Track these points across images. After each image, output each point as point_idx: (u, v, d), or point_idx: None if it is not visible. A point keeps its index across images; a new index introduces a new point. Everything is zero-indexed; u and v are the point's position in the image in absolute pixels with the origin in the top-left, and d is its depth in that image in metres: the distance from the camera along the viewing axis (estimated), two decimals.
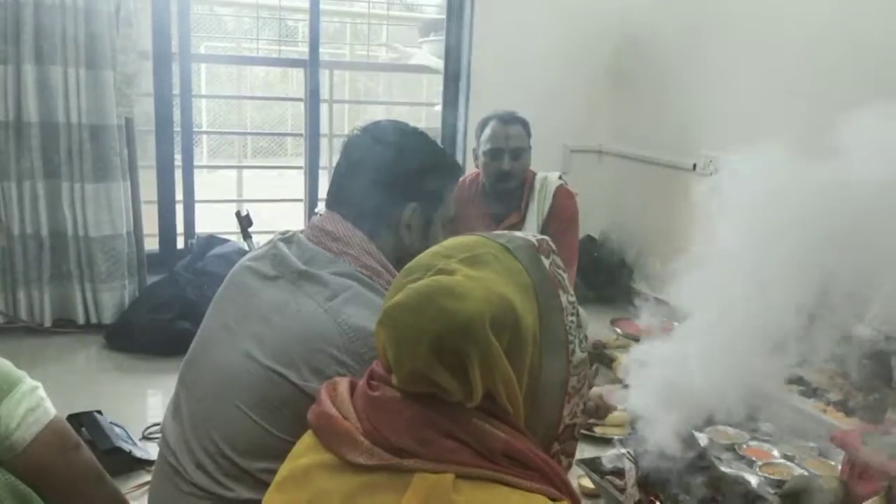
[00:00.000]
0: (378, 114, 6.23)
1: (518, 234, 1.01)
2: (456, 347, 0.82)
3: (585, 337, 1.00)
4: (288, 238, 1.33)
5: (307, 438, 0.99)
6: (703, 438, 2.08)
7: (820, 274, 1.37)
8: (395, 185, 1.31)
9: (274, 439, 1.17)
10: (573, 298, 0.98)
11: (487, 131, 2.71)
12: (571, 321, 0.96)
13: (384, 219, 1.31)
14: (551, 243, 1.01)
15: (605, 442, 2.20)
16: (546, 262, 0.97)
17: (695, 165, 3.32)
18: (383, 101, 6.25)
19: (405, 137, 1.36)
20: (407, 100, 6.35)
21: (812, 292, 1.39)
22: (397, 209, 1.31)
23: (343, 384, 1.00)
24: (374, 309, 1.19)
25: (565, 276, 0.99)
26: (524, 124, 2.72)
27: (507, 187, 2.72)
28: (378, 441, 0.88)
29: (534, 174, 2.82)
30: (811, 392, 2.45)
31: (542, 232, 2.68)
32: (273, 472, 1.13)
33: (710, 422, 2.15)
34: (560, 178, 2.85)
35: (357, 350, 1.17)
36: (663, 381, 1.49)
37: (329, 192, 1.37)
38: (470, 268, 0.90)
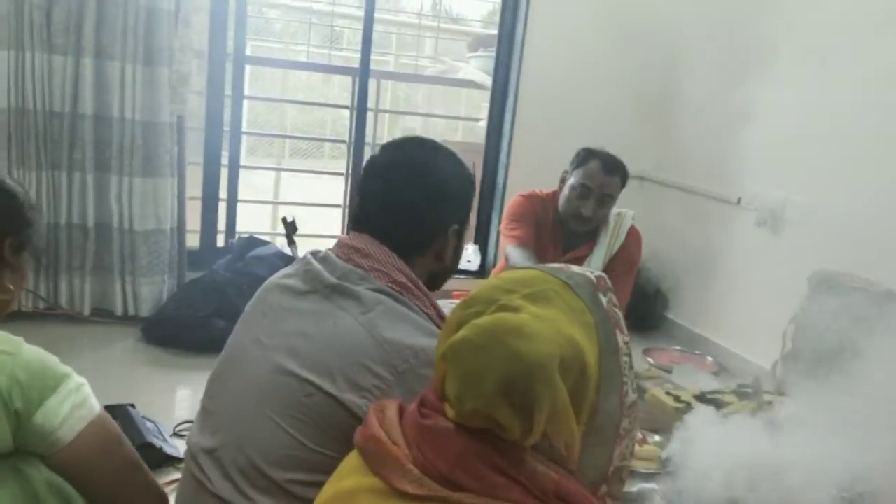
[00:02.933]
0: (416, 123, 6.26)
1: (575, 269, 1.01)
2: (525, 389, 0.82)
3: None
4: (320, 257, 1.33)
5: (353, 459, 0.98)
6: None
7: None
8: (434, 211, 1.31)
9: (306, 451, 1.18)
10: (628, 338, 0.97)
11: (586, 168, 2.59)
12: (626, 362, 0.96)
13: (421, 244, 1.31)
14: (608, 280, 1.00)
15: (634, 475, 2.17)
16: (604, 301, 0.97)
17: (739, 199, 3.29)
18: (428, 113, 6.27)
19: (437, 160, 1.34)
20: (445, 112, 6.36)
21: None
22: (440, 233, 1.32)
23: (392, 407, 1.00)
24: (407, 322, 1.22)
25: (621, 315, 0.99)
26: (623, 177, 2.62)
27: (581, 230, 2.66)
28: (428, 471, 0.88)
29: None
30: None
31: (606, 268, 2.63)
32: (301, 483, 1.17)
33: None
34: (633, 216, 2.79)
35: (392, 362, 1.17)
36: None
37: (358, 216, 1.35)
38: (534, 305, 0.90)
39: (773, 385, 2.47)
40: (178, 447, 2.20)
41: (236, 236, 3.50)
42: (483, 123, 4.10)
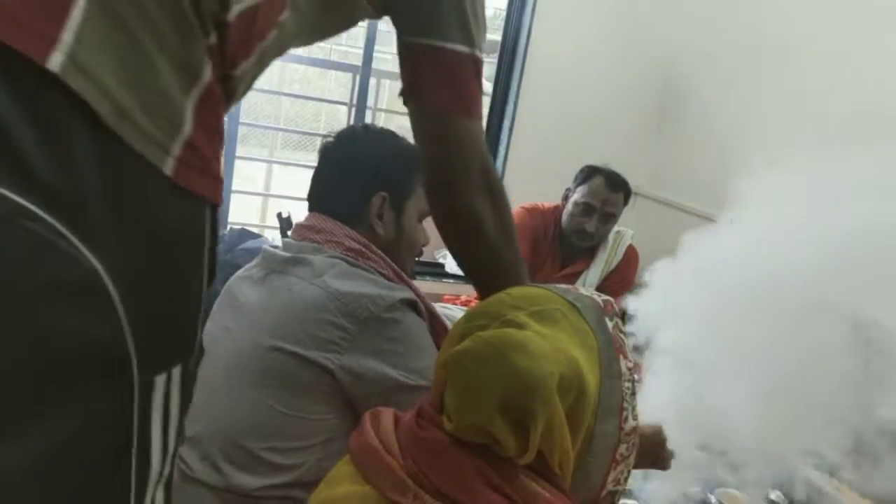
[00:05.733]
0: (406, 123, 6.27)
1: (583, 291, 1.01)
2: (523, 406, 0.82)
3: None
4: (278, 244, 1.40)
5: (345, 466, 0.98)
6: (713, 500, 2.06)
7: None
8: (361, 177, 1.36)
9: (279, 416, 1.20)
10: (631, 364, 0.97)
11: (590, 185, 2.61)
12: (628, 387, 0.96)
13: (357, 213, 1.36)
14: (615, 305, 1.01)
15: None
16: (610, 325, 0.97)
17: (732, 220, 3.30)
18: None
19: (371, 134, 1.42)
20: None
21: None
22: (366, 201, 1.35)
23: (387, 415, 1.00)
24: (361, 278, 1.26)
25: (626, 340, 0.99)
26: (626, 194, 2.65)
27: (583, 246, 2.69)
28: (422, 483, 0.87)
29: None
30: (826, 467, 2.42)
31: (601, 284, 2.66)
32: (278, 450, 1.20)
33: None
34: (632, 236, 2.82)
35: (353, 312, 1.20)
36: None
37: (309, 197, 1.42)
38: (539, 323, 0.90)
39: None
40: None
41: (228, 227, 3.47)
42: None
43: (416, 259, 1.46)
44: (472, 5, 1.03)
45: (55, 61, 0.60)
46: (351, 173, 1.37)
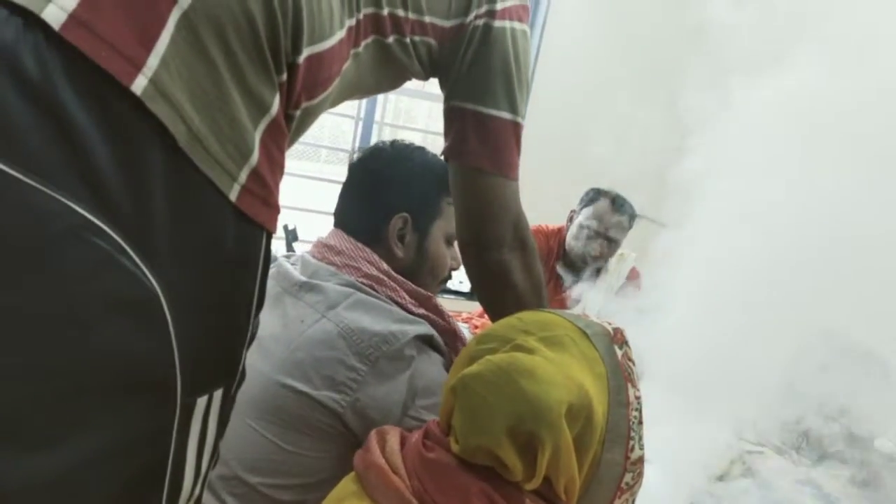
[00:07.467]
0: (415, 137, 6.29)
1: (593, 318, 1.02)
2: (531, 431, 0.82)
3: None
4: (293, 259, 1.34)
5: (350, 484, 0.98)
6: None
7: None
8: (382, 196, 1.30)
9: (282, 453, 1.17)
10: (639, 394, 0.98)
11: (595, 208, 2.62)
12: (635, 416, 0.96)
13: (376, 232, 1.29)
14: (625, 333, 1.01)
15: None
16: (619, 353, 0.97)
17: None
18: (427, 130, 6.30)
19: (395, 150, 1.35)
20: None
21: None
22: (385, 220, 1.29)
23: (393, 435, 1.00)
24: (375, 312, 1.21)
25: (635, 368, 0.99)
26: (631, 216, 2.64)
27: (589, 268, 2.70)
28: None
29: None
30: (823, 496, 2.41)
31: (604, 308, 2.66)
32: (279, 486, 1.17)
33: None
34: (634, 258, 2.82)
35: (364, 352, 1.16)
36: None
37: (334, 213, 1.37)
38: (549, 348, 0.90)
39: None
40: None
41: None
42: None
43: (442, 283, 1.39)
44: (518, 74, 1.06)
45: (139, 84, 0.61)
46: (372, 192, 1.30)
